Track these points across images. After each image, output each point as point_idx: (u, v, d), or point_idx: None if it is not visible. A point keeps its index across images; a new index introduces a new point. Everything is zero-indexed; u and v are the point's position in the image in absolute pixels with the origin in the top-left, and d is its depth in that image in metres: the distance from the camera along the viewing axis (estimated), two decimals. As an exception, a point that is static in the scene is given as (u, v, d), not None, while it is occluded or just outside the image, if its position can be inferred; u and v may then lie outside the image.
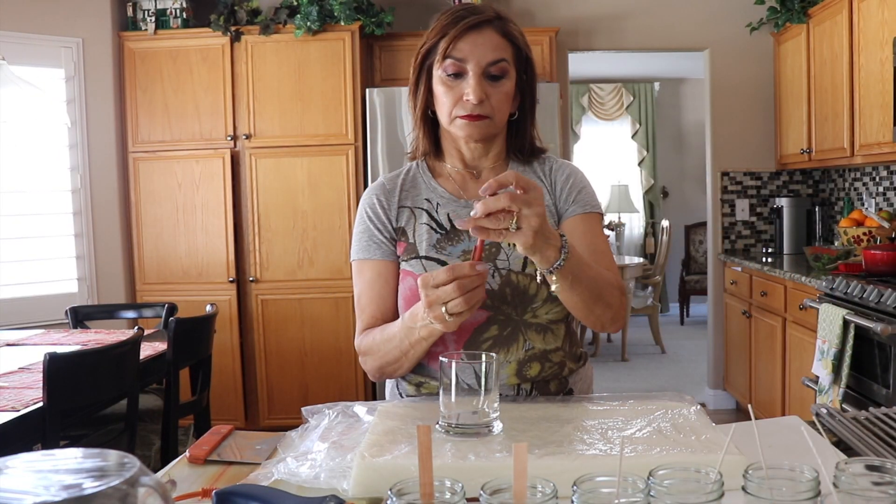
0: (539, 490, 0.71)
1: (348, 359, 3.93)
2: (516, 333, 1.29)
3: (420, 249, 1.31)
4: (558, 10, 4.30)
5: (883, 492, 0.69)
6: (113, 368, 2.23)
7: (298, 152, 3.91)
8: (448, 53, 1.26)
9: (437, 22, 1.30)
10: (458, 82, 1.27)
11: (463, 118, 1.27)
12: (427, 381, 1.34)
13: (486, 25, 1.27)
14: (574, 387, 1.38)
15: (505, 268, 1.29)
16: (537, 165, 1.39)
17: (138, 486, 0.62)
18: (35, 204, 3.76)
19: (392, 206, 1.36)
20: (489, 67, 1.26)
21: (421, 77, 1.32)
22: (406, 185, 1.38)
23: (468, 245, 1.30)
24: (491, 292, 1.28)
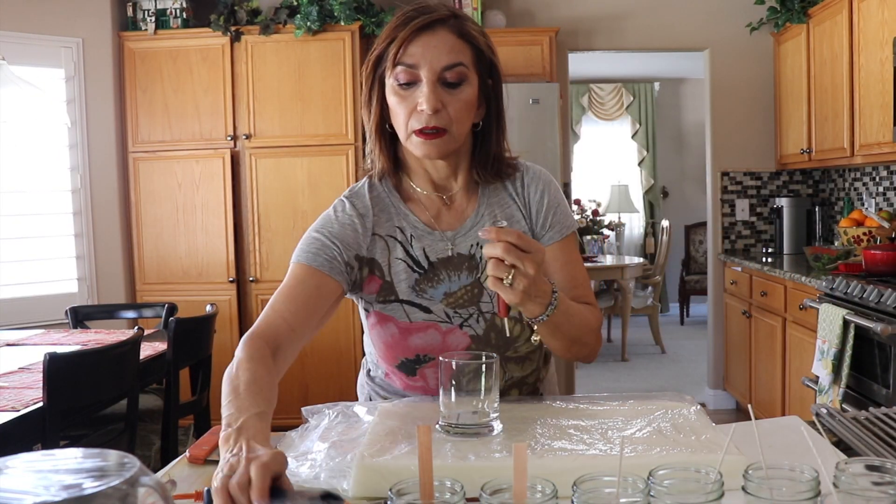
0: (539, 490, 0.71)
1: (348, 359, 3.93)
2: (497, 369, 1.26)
3: (399, 291, 1.22)
4: (558, 10, 4.30)
5: (883, 492, 0.69)
6: (113, 368, 2.23)
7: (298, 152, 3.91)
8: (398, 59, 1.13)
9: (386, 26, 1.18)
10: (411, 91, 1.14)
11: (418, 135, 1.14)
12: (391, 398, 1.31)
13: (439, 25, 1.14)
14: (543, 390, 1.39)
15: (489, 311, 1.23)
16: (509, 183, 1.27)
17: (138, 486, 0.62)
18: (35, 204, 3.76)
19: (367, 233, 1.22)
20: (444, 73, 1.13)
21: (373, 87, 1.20)
22: (375, 207, 1.25)
23: (448, 286, 1.22)
24: (475, 338, 1.23)
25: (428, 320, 1.21)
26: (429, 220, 1.24)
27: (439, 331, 1.22)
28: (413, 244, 1.23)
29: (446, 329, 1.22)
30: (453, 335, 1.23)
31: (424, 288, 1.22)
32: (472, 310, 1.22)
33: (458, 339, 1.23)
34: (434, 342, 1.22)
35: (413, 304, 1.21)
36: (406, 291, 1.22)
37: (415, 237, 1.23)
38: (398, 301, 1.22)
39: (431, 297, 1.22)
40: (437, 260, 1.22)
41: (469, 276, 1.23)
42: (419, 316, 1.21)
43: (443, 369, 1.05)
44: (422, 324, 1.21)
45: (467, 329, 1.23)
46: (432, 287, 1.22)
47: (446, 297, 1.22)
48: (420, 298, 1.22)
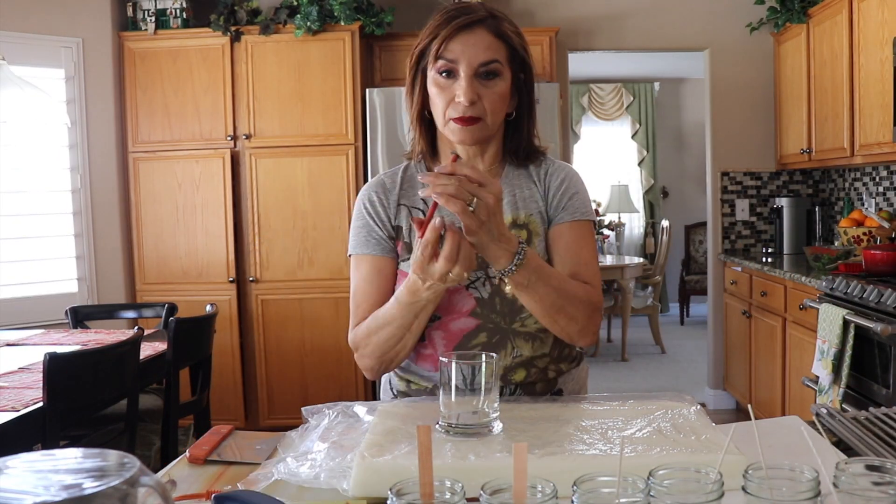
0: (539, 490, 0.71)
1: (348, 359, 3.93)
2: (504, 341, 1.29)
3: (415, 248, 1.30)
4: (558, 10, 4.30)
5: (883, 492, 0.69)
6: (113, 368, 2.23)
7: (298, 152, 3.91)
8: (439, 54, 1.25)
9: (430, 22, 1.29)
10: (450, 83, 1.25)
11: (455, 121, 1.25)
12: (415, 381, 1.35)
13: (477, 25, 1.25)
14: (564, 387, 1.37)
15: (496, 276, 1.27)
16: (533, 168, 1.37)
17: (138, 486, 0.62)
18: (35, 204, 3.76)
19: (391, 204, 1.35)
20: (480, 68, 1.24)
21: (416, 78, 1.32)
22: (405, 183, 1.37)
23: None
24: (481, 300, 1.28)
25: None
26: None
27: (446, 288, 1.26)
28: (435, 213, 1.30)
29: (452, 288, 1.26)
30: (459, 295, 1.28)
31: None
32: (479, 273, 1.28)
33: (464, 300, 1.28)
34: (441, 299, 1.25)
35: None
36: None
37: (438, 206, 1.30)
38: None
39: None
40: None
41: None
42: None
43: (442, 369, 1.06)
44: None
45: (473, 291, 1.28)
46: None
47: None
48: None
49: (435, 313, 1.27)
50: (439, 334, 1.30)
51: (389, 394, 1.41)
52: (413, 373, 1.35)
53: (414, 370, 1.35)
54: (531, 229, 1.32)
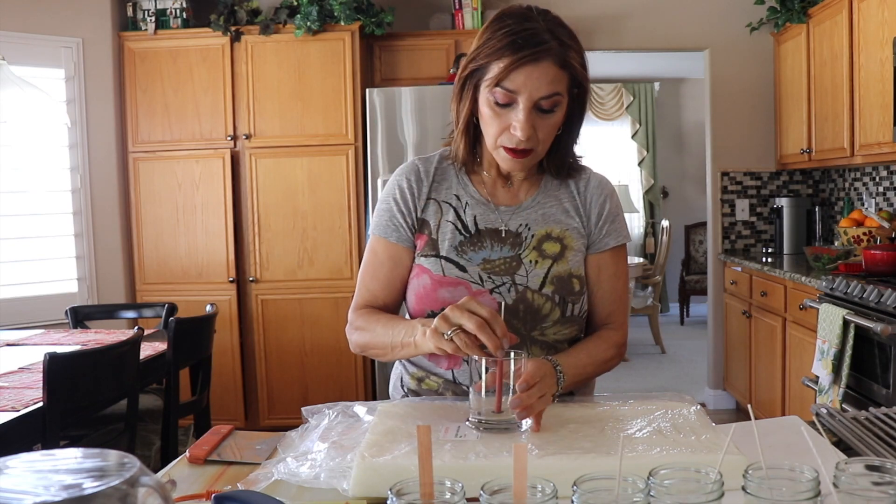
0: (539, 490, 0.71)
1: (348, 359, 3.93)
2: (520, 348, 1.27)
3: (441, 248, 1.29)
4: (558, 10, 4.24)
5: (883, 492, 0.69)
6: (113, 368, 2.23)
7: (298, 152, 3.91)
8: (499, 82, 1.17)
9: (490, 36, 1.19)
10: (506, 111, 1.20)
11: (507, 151, 1.23)
12: (427, 377, 1.35)
13: (544, 57, 1.16)
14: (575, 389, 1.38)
15: (522, 284, 1.28)
16: (572, 182, 1.36)
17: (138, 486, 0.62)
18: (35, 204, 3.76)
19: (421, 195, 1.33)
20: (541, 101, 1.18)
21: (466, 88, 1.25)
22: (438, 175, 1.35)
23: (489, 254, 1.29)
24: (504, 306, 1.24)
25: (460, 277, 1.27)
26: (485, 193, 1.33)
27: (469, 290, 1.26)
28: (466, 210, 1.32)
29: (476, 290, 1.27)
30: (482, 298, 1.26)
31: (466, 250, 1.29)
32: (506, 279, 1.28)
33: (486, 303, 1.23)
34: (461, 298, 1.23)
35: (451, 260, 1.28)
36: (448, 249, 1.29)
37: (469, 205, 1.32)
38: (437, 256, 1.29)
39: (470, 259, 1.29)
40: (484, 228, 1.30)
41: (511, 250, 1.29)
42: (453, 272, 1.28)
43: (472, 366, 1.07)
44: (453, 279, 1.27)
45: (496, 295, 1.27)
46: (473, 251, 1.29)
47: (484, 262, 1.29)
48: (459, 258, 1.29)
49: None
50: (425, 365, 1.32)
51: (400, 391, 1.40)
52: (424, 369, 1.36)
53: (426, 366, 1.35)
54: (565, 243, 1.32)
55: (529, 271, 1.28)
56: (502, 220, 1.31)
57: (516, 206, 1.33)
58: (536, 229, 1.31)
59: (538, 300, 1.27)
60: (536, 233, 1.31)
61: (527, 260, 1.29)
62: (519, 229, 1.31)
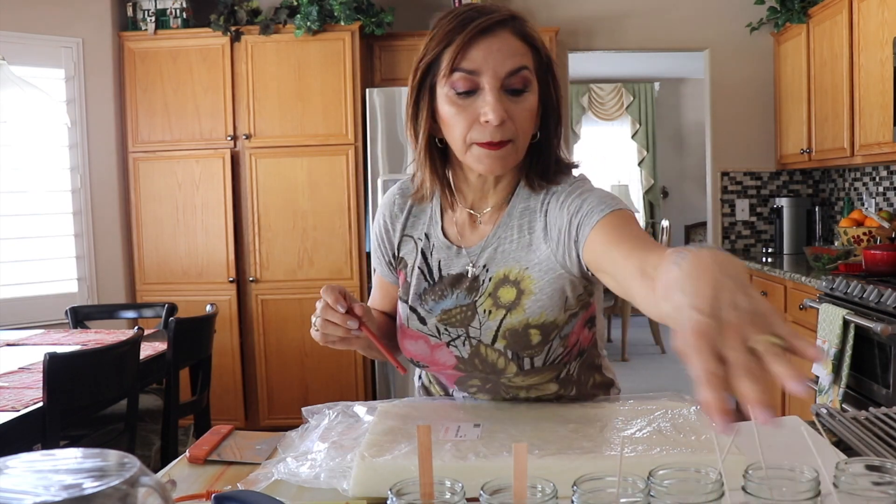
0: (539, 490, 0.71)
1: (348, 359, 3.93)
2: (497, 388, 1.21)
3: (410, 296, 1.22)
4: (558, 10, 4.30)
5: (883, 492, 0.69)
6: (113, 368, 2.23)
7: (298, 152, 3.91)
8: (456, 66, 1.02)
9: (437, 28, 1.06)
10: (470, 101, 1.04)
11: (482, 146, 1.04)
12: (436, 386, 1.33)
13: (500, 27, 1.04)
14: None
15: (476, 337, 1.16)
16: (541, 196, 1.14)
17: (138, 486, 0.62)
18: (35, 204, 3.76)
19: (396, 232, 1.25)
20: (509, 79, 1.03)
21: (421, 97, 1.10)
22: (415, 209, 1.24)
23: (448, 303, 1.18)
24: (461, 360, 1.18)
25: (420, 331, 1.20)
26: (454, 236, 1.20)
27: (428, 343, 1.20)
28: (433, 254, 1.20)
29: (434, 343, 1.19)
30: (440, 351, 1.19)
31: (427, 299, 1.20)
32: (461, 331, 1.17)
33: (445, 357, 1.19)
34: (423, 352, 1.21)
35: (415, 311, 1.21)
36: (413, 297, 1.21)
37: (436, 247, 1.20)
38: (406, 302, 1.23)
39: (431, 309, 1.19)
40: (447, 275, 1.19)
41: (467, 297, 1.17)
42: (415, 324, 1.20)
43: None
44: (414, 332, 1.21)
45: (453, 349, 1.18)
46: (434, 301, 1.19)
47: (442, 314, 1.18)
48: (421, 307, 1.20)
49: (421, 362, 1.23)
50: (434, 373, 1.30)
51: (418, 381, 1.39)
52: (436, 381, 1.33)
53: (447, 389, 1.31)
54: (522, 287, 1.13)
55: (483, 323, 1.15)
56: (465, 261, 1.18)
57: (479, 244, 1.17)
58: (494, 271, 1.15)
59: (492, 355, 1.15)
60: (494, 275, 1.15)
61: (481, 309, 1.15)
62: (478, 273, 1.16)
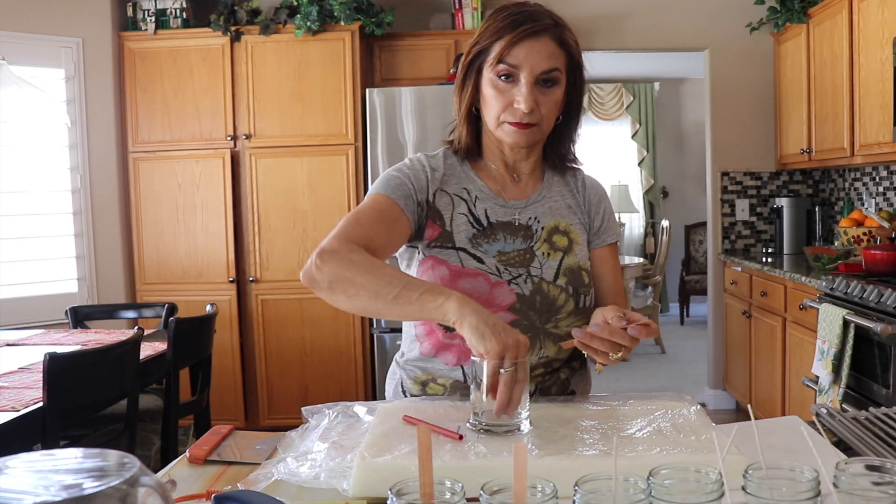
0: (539, 490, 0.71)
1: (348, 359, 3.93)
2: (534, 341, 1.29)
3: (457, 240, 1.29)
4: (559, 10, 4.25)
5: (883, 492, 0.69)
6: (113, 368, 2.23)
7: (298, 152, 3.91)
8: (502, 58, 1.24)
9: (491, 21, 1.27)
10: (508, 87, 1.25)
11: (512, 125, 1.26)
12: (433, 381, 1.32)
13: (543, 33, 1.25)
14: (576, 388, 1.38)
15: (538, 275, 1.30)
16: (570, 179, 1.42)
17: (138, 486, 0.62)
18: (35, 204, 3.76)
19: (434, 182, 1.31)
20: (542, 76, 1.24)
21: (469, 75, 1.30)
22: (448, 170, 1.35)
23: (503, 246, 1.30)
24: (522, 297, 1.28)
25: (479, 269, 1.28)
26: (495, 188, 1.35)
27: (488, 281, 1.28)
28: (476, 204, 1.33)
29: (495, 281, 1.28)
30: (500, 289, 1.28)
31: (480, 242, 1.30)
32: (521, 271, 1.30)
33: (505, 295, 1.28)
34: (482, 290, 1.27)
35: (468, 252, 1.29)
36: (463, 241, 1.30)
37: (479, 199, 1.33)
38: (454, 248, 1.29)
39: (486, 251, 1.30)
40: (496, 221, 1.32)
41: (523, 243, 1.32)
42: (472, 263, 1.28)
43: (475, 368, 1.06)
44: (473, 270, 1.28)
45: (514, 286, 1.29)
46: (488, 243, 1.30)
47: (499, 255, 1.30)
48: (475, 249, 1.29)
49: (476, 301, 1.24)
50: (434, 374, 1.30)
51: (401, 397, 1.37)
52: (432, 372, 1.33)
53: (434, 366, 1.32)
54: (571, 237, 1.36)
55: (543, 263, 1.31)
56: (513, 213, 1.34)
57: (524, 199, 1.36)
58: (545, 222, 1.35)
59: (554, 291, 1.30)
60: (546, 225, 1.34)
61: (539, 252, 1.31)
62: (529, 222, 1.34)
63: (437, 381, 1.32)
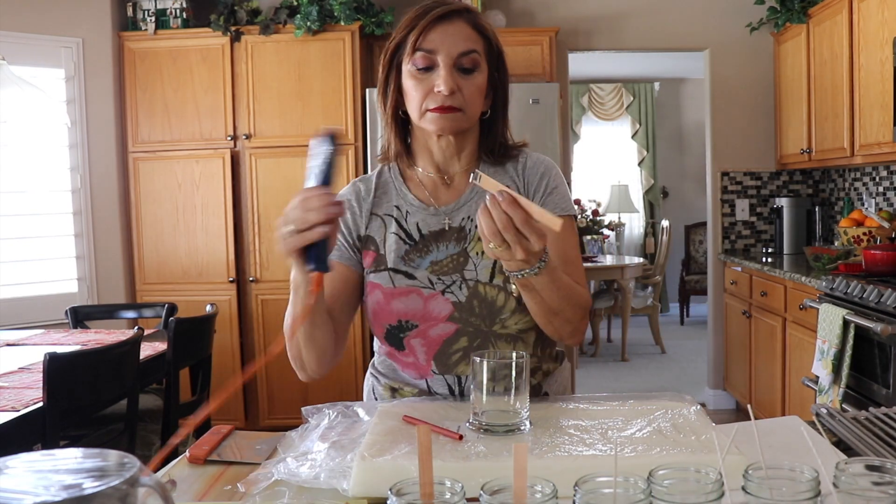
0: (539, 490, 0.71)
1: (348, 359, 3.93)
2: (486, 344, 1.27)
3: (388, 261, 1.28)
4: (558, 10, 4.30)
5: (883, 492, 0.69)
6: (113, 368, 2.23)
7: (298, 152, 3.91)
8: (418, 46, 1.22)
9: (405, 18, 1.26)
10: (428, 75, 1.22)
11: (433, 111, 1.22)
12: (402, 388, 1.34)
13: (456, 17, 1.24)
14: (549, 389, 1.37)
15: (472, 279, 1.26)
16: (510, 165, 1.34)
17: (138, 486, 0.62)
18: (35, 204, 3.76)
19: (363, 213, 1.32)
20: (460, 59, 1.22)
21: (390, 75, 1.28)
22: (378, 190, 1.34)
23: (436, 256, 1.28)
24: (458, 304, 1.26)
25: (410, 286, 1.26)
26: (425, 198, 1.32)
27: (421, 296, 1.26)
28: (408, 219, 1.31)
29: (428, 294, 1.26)
30: (435, 301, 1.26)
31: (412, 257, 1.28)
32: (455, 277, 1.27)
33: (441, 306, 1.26)
34: (415, 307, 1.25)
35: (399, 271, 1.28)
36: (395, 260, 1.28)
37: (410, 213, 1.31)
38: (386, 269, 1.28)
39: (417, 265, 1.28)
40: (428, 233, 1.30)
41: (456, 246, 1.28)
42: (403, 282, 1.27)
43: (475, 368, 1.06)
44: (404, 289, 1.26)
45: (449, 295, 1.26)
46: (420, 257, 1.28)
47: (432, 265, 1.28)
48: (406, 266, 1.28)
49: (411, 321, 1.25)
50: (419, 342, 1.28)
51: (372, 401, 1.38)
52: (400, 380, 1.34)
53: (401, 377, 1.34)
54: None
55: (477, 264, 1.27)
56: (446, 220, 1.30)
57: (456, 201, 1.31)
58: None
59: (491, 292, 1.26)
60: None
61: (473, 253, 1.27)
62: (462, 223, 1.30)
63: (405, 389, 1.33)
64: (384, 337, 1.30)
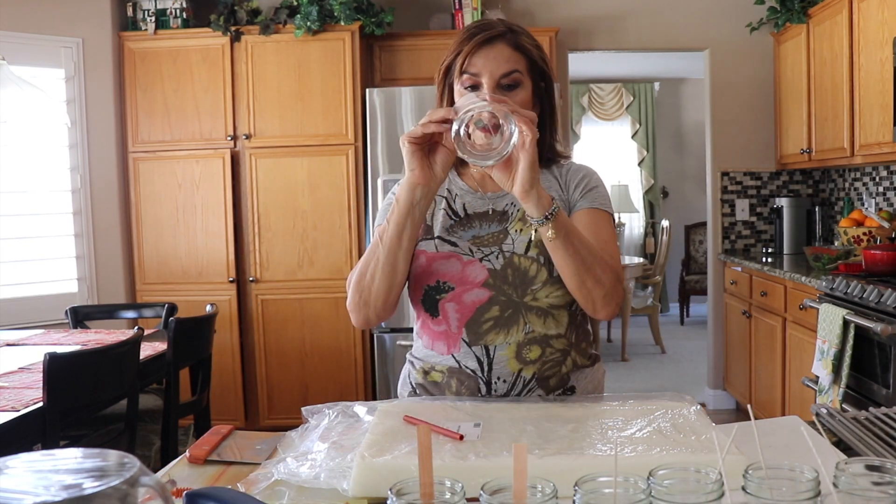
0: (539, 490, 0.71)
1: (348, 359, 3.93)
2: (517, 315, 1.32)
3: (435, 231, 1.39)
4: (558, 10, 4.30)
5: (883, 492, 0.69)
6: (113, 368, 2.23)
7: (298, 152, 3.91)
8: (464, 69, 1.32)
9: (454, 40, 1.38)
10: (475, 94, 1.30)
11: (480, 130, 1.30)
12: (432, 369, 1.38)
13: (497, 40, 1.33)
14: (577, 384, 1.38)
15: (509, 251, 1.34)
16: (555, 168, 1.44)
17: (138, 486, 0.62)
18: (35, 204, 3.76)
19: None
20: (502, 79, 1.31)
21: (444, 92, 1.39)
22: None
23: (478, 231, 1.37)
24: (493, 272, 1.33)
25: (451, 251, 1.36)
26: (474, 185, 1.43)
27: (460, 261, 1.35)
28: (456, 200, 1.43)
29: (467, 260, 1.35)
30: (472, 267, 1.34)
31: (456, 230, 1.39)
32: (493, 248, 1.36)
33: (477, 272, 1.34)
34: (454, 270, 1.34)
35: (443, 239, 1.38)
36: (440, 230, 1.39)
37: (458, 195, 1.43)
38: (432, 238, 1.38)
39: (461, 236, 1.38)
40: (473, 213, 1.41)
41: (498, 226, 1.39)
42: (445, 248, 1.37)
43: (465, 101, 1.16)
44: (445, 253, 1.36)
45: (486, 263, 1.34)
46: (463, 230, 1.39)
47: (474, 238, 1.38)
48: (450, 236, 1.38)
49: (448, 283, 1.33)
50: (452, 306, 1.33)
51: (408, 387, 1.43)
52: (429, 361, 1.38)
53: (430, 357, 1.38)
54: None
55: (515, 239, 1.35)
56: (490, 203, 1.40)
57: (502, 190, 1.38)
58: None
59: (525, 263, 1.33)
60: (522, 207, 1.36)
61: (512, 230, 1.36)
62: (505, 208, 1.39)
63: (435, 369, 1.37)
64: (421, 301, 1.37)
